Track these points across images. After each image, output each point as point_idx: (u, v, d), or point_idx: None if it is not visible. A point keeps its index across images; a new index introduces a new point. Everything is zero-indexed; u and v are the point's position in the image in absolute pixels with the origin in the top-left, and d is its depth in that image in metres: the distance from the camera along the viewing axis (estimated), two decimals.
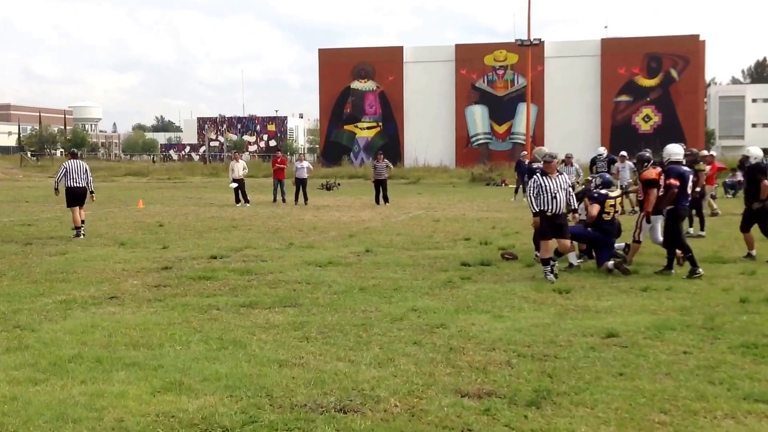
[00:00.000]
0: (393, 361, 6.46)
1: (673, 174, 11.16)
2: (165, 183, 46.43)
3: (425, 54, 65.11)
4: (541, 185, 10.74)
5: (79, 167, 16.50)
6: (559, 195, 10.71)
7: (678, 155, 11.59)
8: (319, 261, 12.21)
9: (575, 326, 7.68)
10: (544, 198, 10.70)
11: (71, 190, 16.22)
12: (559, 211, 10.77)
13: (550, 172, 10.89)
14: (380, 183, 26.21)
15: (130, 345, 7.02)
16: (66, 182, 16.31)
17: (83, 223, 16.20)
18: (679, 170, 11.27)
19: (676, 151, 11.61)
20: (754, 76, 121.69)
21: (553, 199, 10.67)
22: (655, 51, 59.92)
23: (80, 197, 16.27)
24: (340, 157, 61.86)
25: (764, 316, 7.97)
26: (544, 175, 10.87)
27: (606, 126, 60.37)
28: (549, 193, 10.69)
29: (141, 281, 10.54)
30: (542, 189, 10.72)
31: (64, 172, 16.38)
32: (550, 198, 10.68)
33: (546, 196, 10.69)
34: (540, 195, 10.73)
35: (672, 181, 11.06)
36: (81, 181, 16.32)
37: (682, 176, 11.20)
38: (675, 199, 11.08)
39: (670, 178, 11.12)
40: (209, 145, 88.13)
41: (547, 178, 10.81)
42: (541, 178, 10.83)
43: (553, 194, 10.68)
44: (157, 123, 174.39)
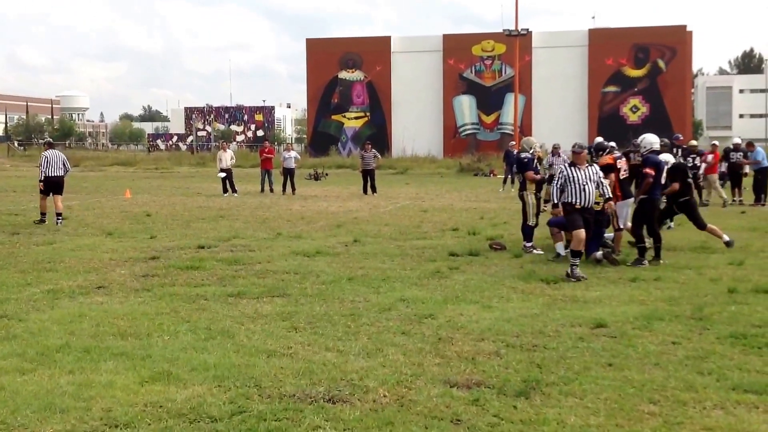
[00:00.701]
0: (381, 351, 6.45)
1: (650, 163, 11.23)
2: (152, 173, 46.20)
3: (413, 44, 65.00)
4: (569, 176, 10.32)
5: (57, 157, 16.90)
6: (589, 187, 10.28)
7: (655, 145, 11.68)
8: (307, 251, 12.17)
9: (564, 316, 7.69)
10: (572, 189, 10.26)
11: (49, 179, 16.52)
12: (589, 204, 10.33)
13: (579, 163, 10.46)
14: (368, 173, 26.19)
15: (118, 335, 6.98)
16: (45, 171, 16.52)
17: (60, 216, 16.26)
18: (655, 160, 11.36)
19: (653, 141, 11.69)
20: (741, 66, 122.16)
21: (583, 191, 10.24)
22: (643, 41, 60.02)
23: (57, 186, 16.59)
24: (328, 147, 61.71)
25: (752, 307, 8.01)
26: (572, 166, 10.46)
27: (593, 116, 60.49)
28: (578, 185, 10.26)
29: (129, 271, 10.48)
30: (569, 180, 10.29)
31: (46, 161, 16.57)
32: (579, 190, 10.25)
33: (574, 188, 10.26)
34: (567, 186, 10.29)
35: (648, 170, 11.12)
36: (58, 170, 16.66)
37: (658, 166, 11.30)
38: (649, 189, 11.15)
39: (647, 167, 11.19)
40: (196, 135, 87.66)
41: (575, 169, 10.38)
42: (569, 169, 10.41)
43: (583, 186, 10.26)
44: (145, 112, 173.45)
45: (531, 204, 12.62)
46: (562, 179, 10.37)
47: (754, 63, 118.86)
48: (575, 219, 10.24)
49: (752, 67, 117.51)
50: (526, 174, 12.69)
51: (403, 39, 66.26)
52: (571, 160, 10.74)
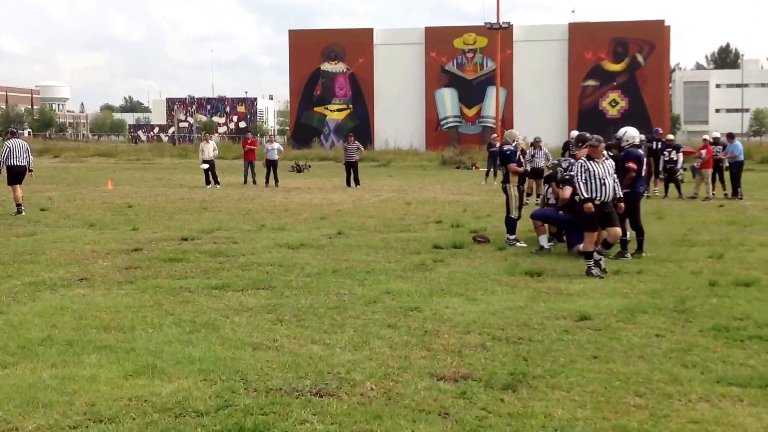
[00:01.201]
0: (368, 344, 6.44)
1: (632, 157, 11.28)
2: (134, 164, 45.89)
3: (395, 36, 64.95)
4: (590, 170, 9.96)
5: (21, 146, 16.89)
6: (607, 181, 9.99)
7: (636, 139, 11.74)
8: (291, 243, 12.13)
9: (548, 309, 7.72)
10: (593, 184, 9.93)
11: (12, 169, 16.53)
12: (608, 198, 10.03)
13: (596, 157, 10.11)
14: (351, 165, 26.16)
15: (101, 328, 6.91)
16: (8, 161, 16.49)
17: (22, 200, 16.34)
18: (636, 153, 11.40)
19: (635, 135, 11.74)
20: (717, 61, 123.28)
21: (603, 186, 9.93)
22: (622, 36, 60.35)
23: (21, 175, 16.59)
24: (311, 139, 61.61)
25: (733, 300, 8.07)
26: (591, 160, 10.07)
27: (573, 110, 60.79)
28: (598, 179, 9.91)
29: (111, 263, 10.39)
30: (590, 174, 9.94)
31: (8, 151, 16.50)
32: (600, 184, 9.91)
33: (595, 182, 9.91)
34: (588, 181, 9.93)
35: (630, 164, 11.16)
36: (22, 159, 16.64)
37: (639, 159, 11.34)
38: (632, 182, 11.20)
39: (629, 161, 11.23)
40: (178, 126, 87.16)
41: (594, 162, 10.03)
42: (588, 163, 10.02)
43: (602, 180, 9.94)
44: (126, 103, 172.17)
45: (514, 196, 12.63)
46: (584, 173, 9.99)
47: (730, 58, 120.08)
48: (591, 218, 9.93)
49: (729, 62, 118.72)
50: (509, 166, 12.69)
51: (386, 31, 66.20)
52: (587, 154, 10.32)
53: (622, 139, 11.73)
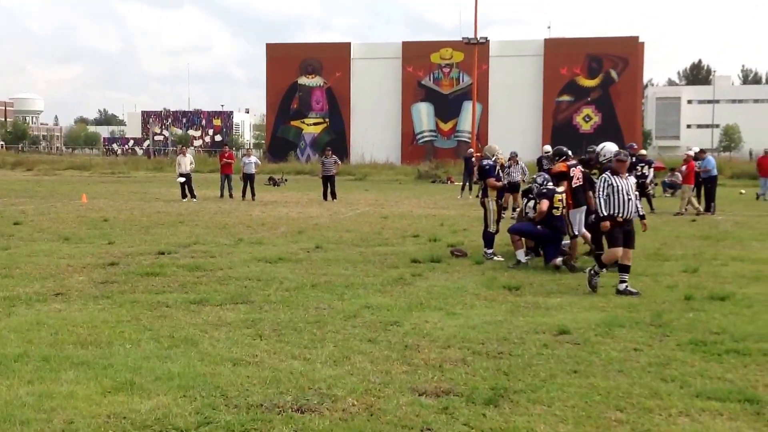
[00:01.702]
0: (349, 359, 6.42)
1: None
2: (108, 177, 45.55)
3: (372, 51, 65.29)
4: (614, 186, 9.59)
5: None
6: (632, 197, 9.63)
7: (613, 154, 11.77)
8: (269, 257, 12.09)
9: (527, 323, 7.75)
10: (617, 200, 9.55)
11: None
12: (631, 215, 9.68)
13: (621, 172, 9.76)
14: (328, 179, 26.19)
15: (78, 343, 6.82)
16: None
17: None
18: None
19: (612, 150, 11.75)
20: (689, 78, 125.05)
21: (628, 202, 9.58)
22: (596, 52, 61.12)
23: None
24: (287, 152, 61.61)
25: (709, 314, 8.16)
26: (615, 175, 9.71)
27: (547, 125, 61.43)
28: (623, 195, 9.55)
29: (87, 277, 10.27)
30: (614, 190, 9.57)
31: None
32: (625, 200, 9.55)
33: (619, 198, 9.54)
34: (611, 197, 9.57)
35: None
36: None
37: None
38: None
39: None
40: (153, 140, 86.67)
41: (619, 178, 9.67)
42: (612, 178, 9.66)
43: (627, 196, 9.59)
44: (101, 116, 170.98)
45: (492, 211, 12.69)
46: (607, 189, 9.64)
47: (702, 74, 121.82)
48: (616, 236, 9.55)
49: (700, 78, 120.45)
50: (487, 181, 12.76)
51: (363, 46, 66.53)
52: (612, 169, 9.94)
53: (599, 154, 11.78)
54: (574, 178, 11.95)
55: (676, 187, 29.78)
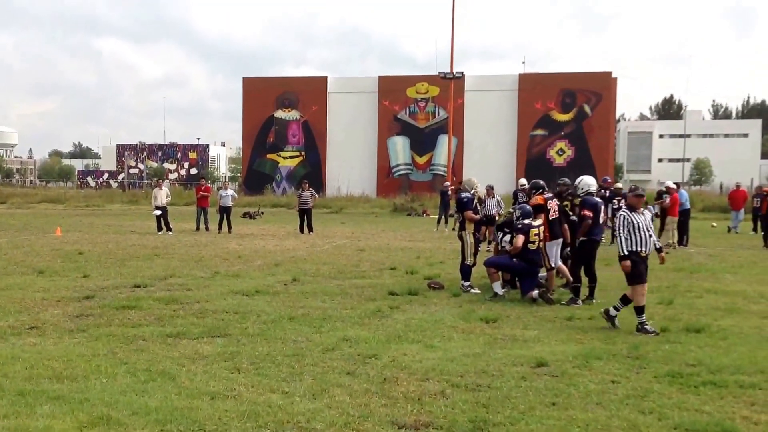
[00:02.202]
0: (327, 392, 6.40)
1: (588, 205, 11.47)
2: (83, 210, 45.16)
3: (349, 85, 65.74)
4: (633, 222, 9.36)
5: None
6: (651, 232, 9.46)
7: (592, 187, 11.98)
8: (246, 290, 12.05)
9: (505, 355, 7.78)
10: (638, 237, 9.32)
11: None
12: (650, 250, 9.49)
13: (638, 207, 9.57)
14: (305, 212, 26.20)
15: (54, 377, 6.75)
16: None
17: None
18: (592, 201, 11.62)
19: (591, 183, 11.98)
20: (661, 112, 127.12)
21: (649, 237, 9.39)
22: (570, 87, 61.98)
23: None
24: (263, 185, 61.60)
25: (685, 346, 8.25)
26: (633, 211, 9.48)
27: (522, 158, 61.98)
28: (642, 231, 9.34)
29: (62, 311, 10.17)
30: (634, 227, 9.34)
31: None
32: (646, 236, 9.34)
33: (639, 235, 9.32)
34: (632, 234, 9.33)
35: (586, 212, 11.33)
36: None
37: (595, 207, 11.52)
38: (587, 230, 11.39)
39: (585, 209, 11.38)
40: (128, 173, 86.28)
41: (637, 214, 9.45)
42: (631, 215, 9.41)
43: (648, 232, 9.39)
44: (75, 149, 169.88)
45: (469, 243, 12.76)
46: (627, 227, 9.38)
47: (673, 109, 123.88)
48: (641, 272, 9.28)
49: (672, 113, 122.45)
50: (465, 214, 12.82)
51: (339, 80, 66.97)
52: (628, 204, 9.71)
53: (577, 187, 11.94)
54: (551, 210, 12.09)
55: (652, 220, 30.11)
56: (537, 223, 11.92)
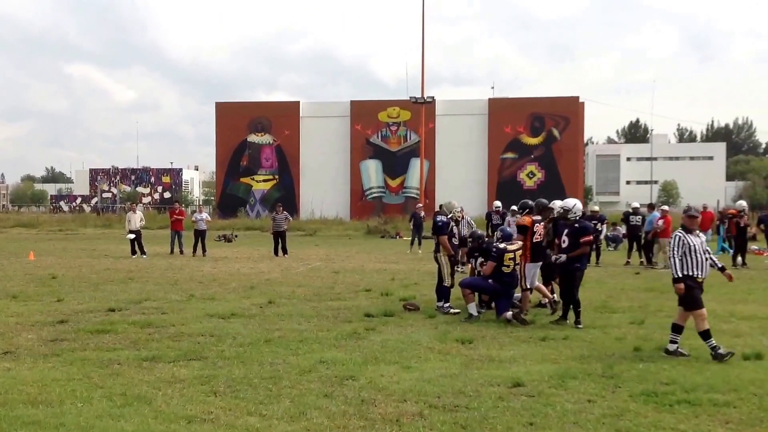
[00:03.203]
0: (305, 414, 6.40)
1: (589, 231, 11.46)
2: (56, 234, 44.73)
3: (321, 109, 66.12)
4: (688, 245, 8.93)
5: None
6: (707, 254, 9.04)
7: (581, 211, 11.94)
8: (222, 313, 12.01)
9: (482, 376, 7.82)
10: (695, 260, 8.90)
11: None
12: (707, 274, 9.03)
13: (693, 229, 9.12)
14: (280, 234, 26.22)
15: (29, 402, 6.68)
16: None
17: None
18: (590, 226, 11.68)
19: (580, 207, 11.79)
20: (627, 136, 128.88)
21: (704, 262, 8.96)
22: (539, 111, 62.87)
23: None
24: (237, 209, 61.53)
25: (659, 365, 8.36)
26: (688, 233, 9.04)
27: (493, 181, 62.56)
28: (698, 254, 8.92)
29: (36, 335, 10.06)
30: (690, 249, 8.92)
31: None
32: (702, 259, 8.93)
33: (695, 258, 8.89)
34: (687, 256, 8.91)
35: (587, 238, 11.33)
36: None
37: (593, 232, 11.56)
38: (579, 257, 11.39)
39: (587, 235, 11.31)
40: (101, 197, 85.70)
41: (692, 236, 9.00)
42: (687, 237, 8.98)
43: (705, 255, 8.99)
44: (48, 174, 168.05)
45: (444, 265, 12.80)
46: (682, 248, 8.98)
47: (639, 133, 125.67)
48: (695, 297, 8.89)
49: (638, 136, 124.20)
50: (440, 238, 12.80)
51: (312, 104, 67.33)
52: (683, 225, 9.21)
53: (570, 210, 11.76)
54: (536, 233, 12.13)
55: (618, 241, 30.63)
56: (513, 247, 11.96)
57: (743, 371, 8.07)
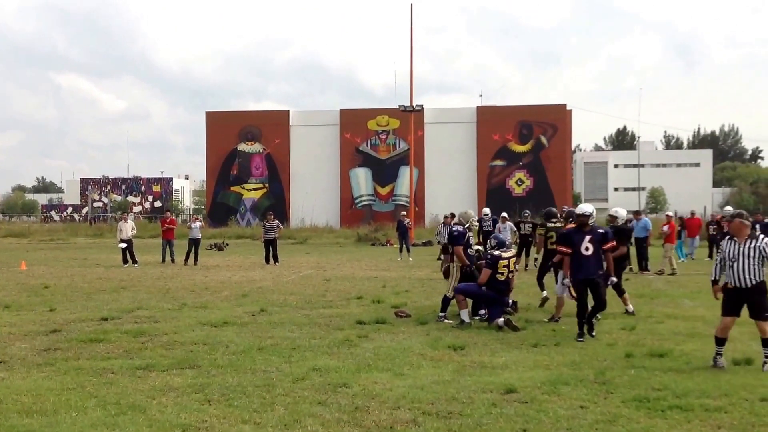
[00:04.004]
0: (299, 422, 6.40)
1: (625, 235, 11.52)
2: (47, 244, 44.59)
3: (311, 118, 66.28)
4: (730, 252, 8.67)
5: None
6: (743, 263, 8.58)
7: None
8: (214, 321, 12.01)
9: (474, 382, 7.84)
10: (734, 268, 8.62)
11: None
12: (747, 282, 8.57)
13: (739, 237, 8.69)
14: (270, 243, 26.25)
15: (23, 412, 6.67)
16: None
17: None
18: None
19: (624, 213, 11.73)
20: (615, 143, 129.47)
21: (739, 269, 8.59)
22: (526, 119, 63.20)
23: None
24: (227, 217, 61.54)
25: (650, 371, 8.40)
26: (732, 239, 8.77)
27: (482, 188, 62.77)
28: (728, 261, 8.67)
29: (29, 345, 10.04)
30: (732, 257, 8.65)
31: None
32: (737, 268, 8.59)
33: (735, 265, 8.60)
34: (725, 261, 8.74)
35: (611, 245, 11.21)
36: None
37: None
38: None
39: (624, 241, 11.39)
40: (92, 206, 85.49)
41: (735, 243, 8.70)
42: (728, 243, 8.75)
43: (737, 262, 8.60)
44: (38, 184, 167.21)
45: (454, 275, 12.39)
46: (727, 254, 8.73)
47: (627, 140, 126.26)
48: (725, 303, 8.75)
49: (625, 143, 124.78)
50: (455, 249, 12.33)
51: (302, 113, 67.48)
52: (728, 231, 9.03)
53: (617, 218, 11.85)
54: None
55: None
56: (507, 254, 12.04)
57: (734, 376, 8.13)
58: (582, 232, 10.91)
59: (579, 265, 10.76)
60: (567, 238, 11.06)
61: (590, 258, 10.76)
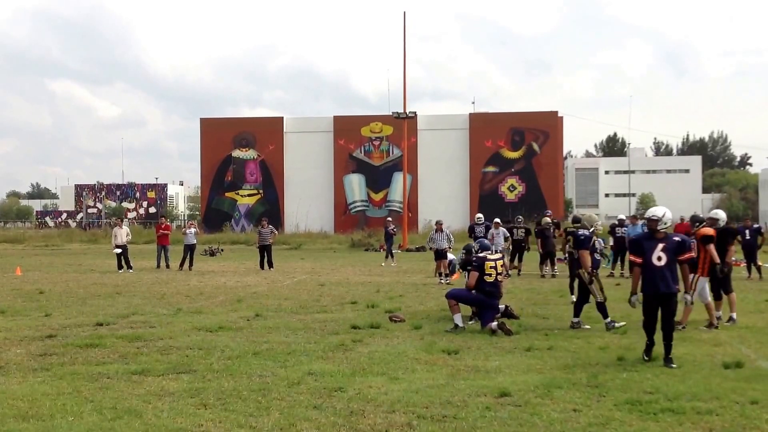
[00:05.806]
0: (295, 426, 6.43)
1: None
2: (42, 250, 44.54)
3: (305, 125, 66.49)
4: None
5: None
6: None
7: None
8: (210, 326, 12.04)
9: (468, 386, 7.88)
10: None
11: None
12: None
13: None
14: (265, 248, 26.34)
15: (19, 417, 6.68)
16: None
17: None
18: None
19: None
20: (605, 150, 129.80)
21: None
22: (519, 126, 63.49)
23: None
24: (222, 223, 61.61)
25: (642, 374, 8.47)
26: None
27: (475, 194, 62.99)
28: None
29: (25, 350, 10.05)
30: None
31: None
32: None
33: None
34: None
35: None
36: None
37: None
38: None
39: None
40: (87, 212, 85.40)
41: None
42: None
43: None
44: (33, 190, 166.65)
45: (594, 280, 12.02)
46: None
47: (617, 147, 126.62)
48: None
49: (616, 150, 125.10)
50: (580, 252, 12.15)
51: (296, 120, 67.66)
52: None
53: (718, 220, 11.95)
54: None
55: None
56: (493, 257, 12.13)
57: (724, 380, 8.20)
58: (654, 239, 9.39)
59: (651, 277, 9.25)
60: (637, 246, 9.58)
61: (663, 269, 9.20)
